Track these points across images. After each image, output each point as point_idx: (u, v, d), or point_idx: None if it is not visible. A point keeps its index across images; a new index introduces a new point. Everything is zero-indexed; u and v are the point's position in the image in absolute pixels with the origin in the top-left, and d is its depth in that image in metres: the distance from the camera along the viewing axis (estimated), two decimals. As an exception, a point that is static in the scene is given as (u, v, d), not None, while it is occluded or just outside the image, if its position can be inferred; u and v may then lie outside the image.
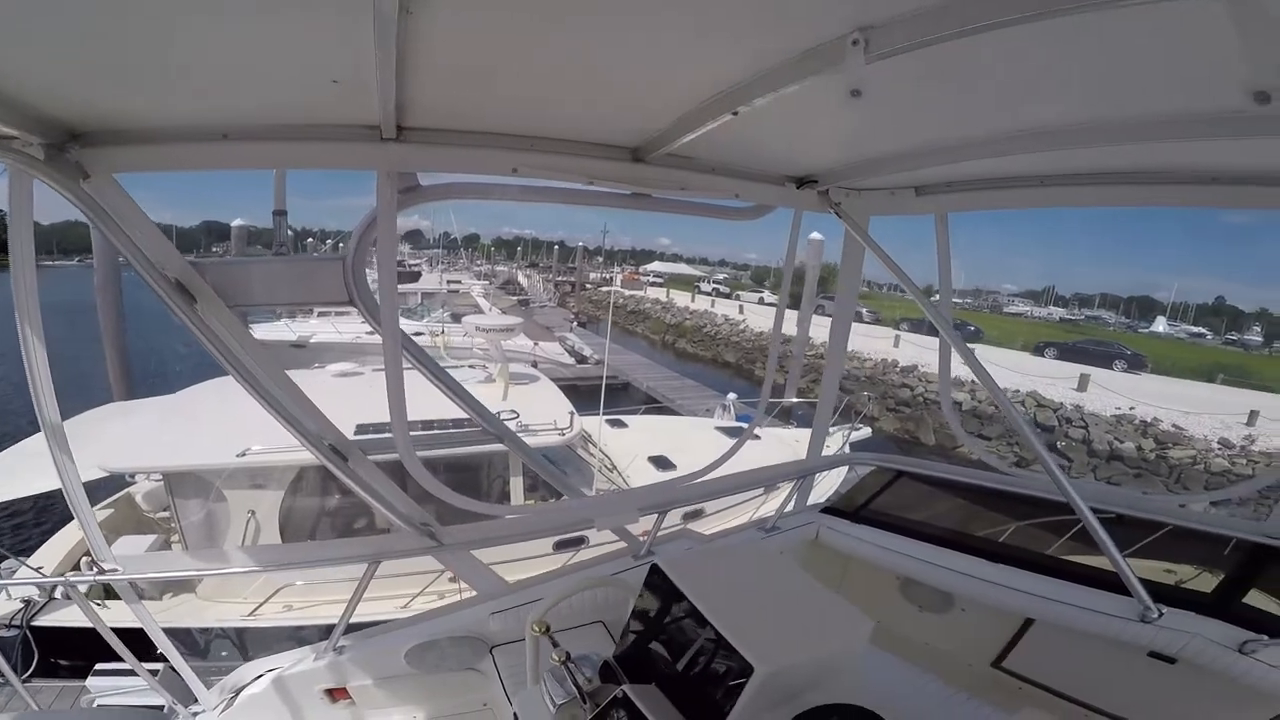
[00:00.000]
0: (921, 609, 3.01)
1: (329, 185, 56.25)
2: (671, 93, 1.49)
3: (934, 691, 2.10)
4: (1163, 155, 1.84)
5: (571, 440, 6.98)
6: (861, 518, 3.00)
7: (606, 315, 39.48)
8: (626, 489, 6.43)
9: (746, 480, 2.84)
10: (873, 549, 2.86)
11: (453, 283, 25.32)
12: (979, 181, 2.31)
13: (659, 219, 14.58)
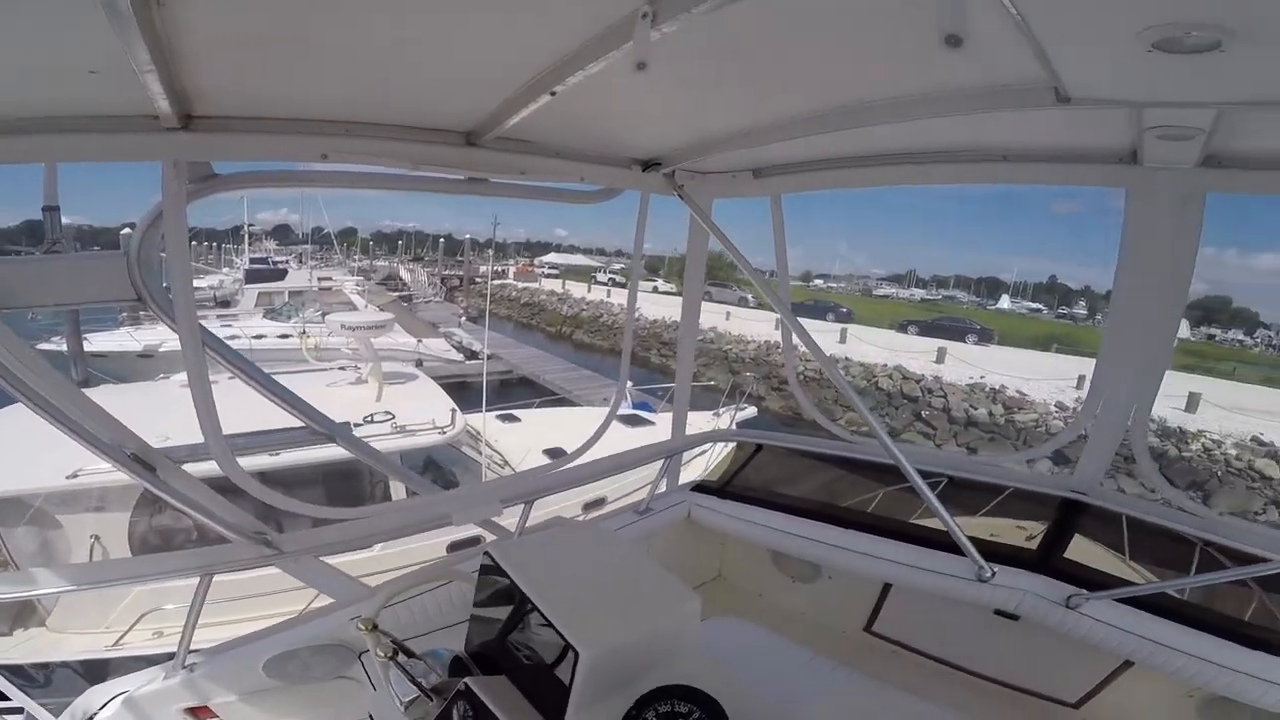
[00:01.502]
0: (794, 579, 3.15)
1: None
2: (494, 75, 1.49)
3: (805, 661, 2.19)
4: (963, 135, 2.01)
5: (455, 438, 6.75)
6: (729, 493, 3.09)
7: (498, 309, 38.81)
8: (487, 481, 6.33)
9: (613, 465, 2.85)
10: (741, 524, 2.96)
11: (324, 280, 23.67)
12: (810, 163, 2.43)
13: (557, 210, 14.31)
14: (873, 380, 22.32)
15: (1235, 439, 17.09)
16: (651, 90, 1.68)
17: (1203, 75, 1.17)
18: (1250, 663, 1.98)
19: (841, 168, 2.37)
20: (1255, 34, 0.99)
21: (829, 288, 59.45)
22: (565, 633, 1.16)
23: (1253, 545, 2.21)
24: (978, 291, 62.68)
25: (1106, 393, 2.36)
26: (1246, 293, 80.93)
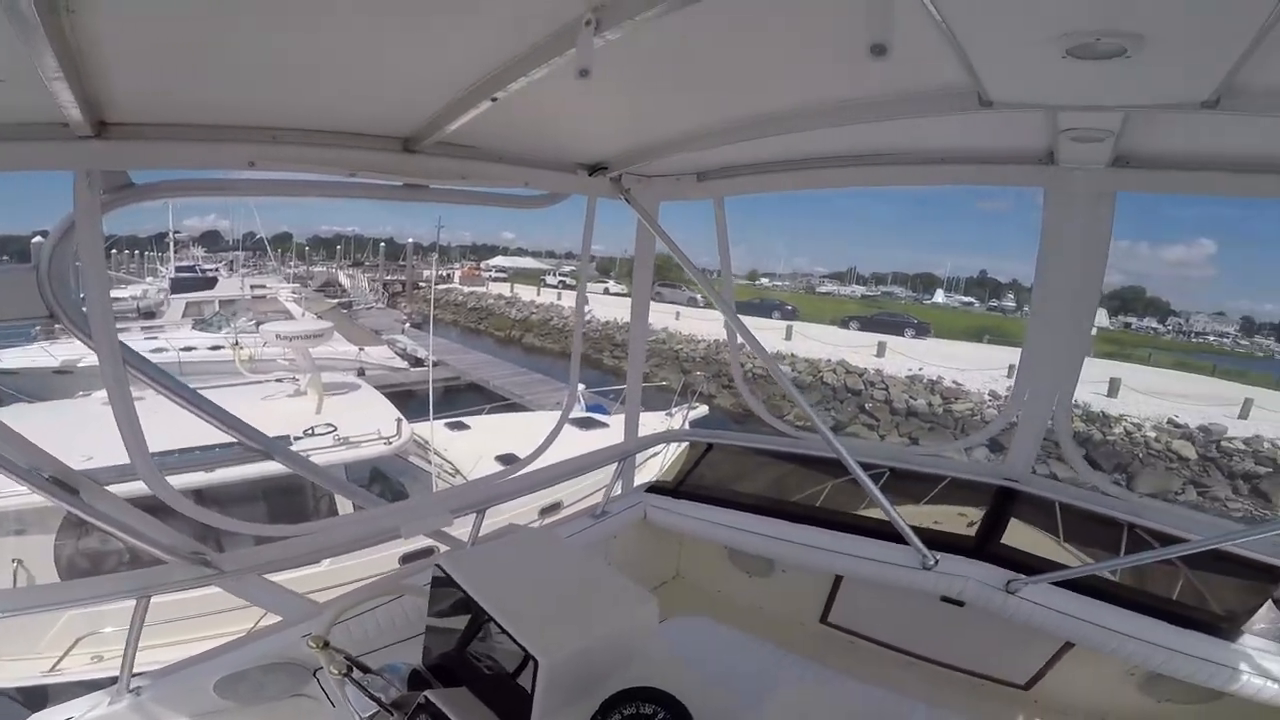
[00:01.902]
0: (750, 575, 3.19)
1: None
2: (432, 81, 1.48)
3: (765, 655, 2.23)
4: (896, 138, 2.10)
5: (402, 448, 6.58)
6: (683, 493, 3.12)
7: (444, 314, 37.95)
8: (437, 491, 6.22)
9: (566, 469, 2.83)
10: (696, 523, 2.99)
11: (257, 288, 22.67)
12: (752, 166, 2.49)
13: (504, 212, 14.06)
14: (818, 375, 22.90)
15: (1153, 422, 18.30)
16: (597, 95, 1.69)
17: (1110, 80, 1.25)
18: (1181, 640, 2.09)
19: (782, 171, 2.43)
20: (1157, 41, 1.06)
21: (774, 286, 60.70)
22: (522, 642, 1.16)
23: (1173, 526, 2.35)
24: (914, 287, 65.18)
25: (1032, 382, 2.47)
26: (1158, 283, 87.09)
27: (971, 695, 2.63)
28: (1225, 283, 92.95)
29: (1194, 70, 1.18)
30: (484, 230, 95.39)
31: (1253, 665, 2.05)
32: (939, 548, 2.44)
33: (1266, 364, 38.16)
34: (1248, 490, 16.28)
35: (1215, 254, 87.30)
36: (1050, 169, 2.00)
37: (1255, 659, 2.06)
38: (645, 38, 1.13)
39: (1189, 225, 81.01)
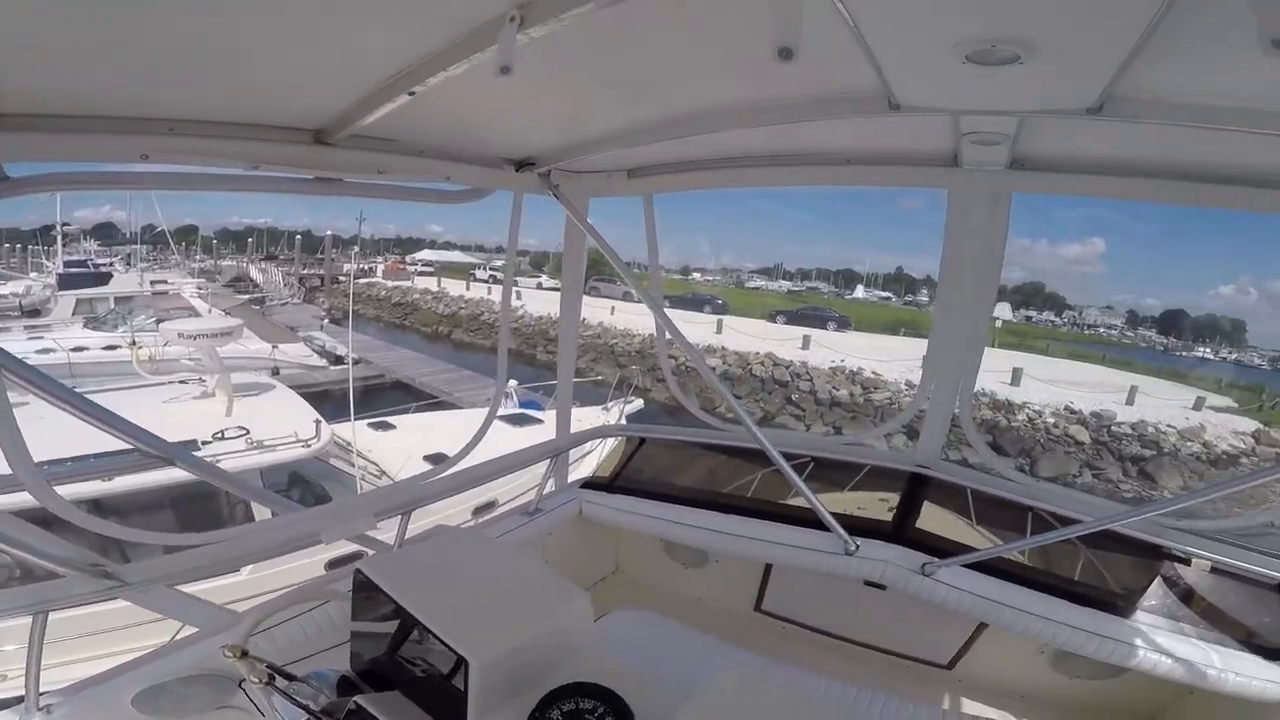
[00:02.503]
0: (686, 566, 3.25)
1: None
2: (346, 73, 1.43)
3: (702, 645, 2.27)
4: (814, 139, 2.17)
5: (322, 451, 6.29)
6: (617, 488, 3.13)
7: (366, 310, 36.42)
8: (360, 494, 6.02)
9: (496, 468, 2.78)
10: (632, 517, 3.00)
11: (158, 283, 21.05)
12: (681, 164, 2.52)
13: (428, 206, 13.46)
14: (747, 368, 23.49)
15: (1052, 408, 19.81)
16: (525, 91, 1.67)
17: (1006, 86, 1.33)
18: (1082, 619, 2.24)
19: (710, 169, 2.47)
20: (1047, 49, 1.13)
21: (706, 281, 61.68)
22: (451, 643, 1.14)
23: (1069, 509, 2.51)
24: (836, 282, 67.68)
25: (937, 372, 2.60)
26: (1056, 279, 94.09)
27: (898, 675, 2.73)
28: (1114, 279, 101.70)
29: (1080, 78, 1.27)
30: (410, 223, 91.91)
31: (1147, 641, 2.19)
32: (859, 533, 2.52)
33: (1148, 354, 42.22)
34: (1136, 472, 17.89)
35: (1105, 252, 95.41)
36: (953, 171, 2.12)
37: (1149, 634, 2.21)
38: (573, 35, 1.12)
39: (1075, 226, 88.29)
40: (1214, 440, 18.59)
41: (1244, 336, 51.59)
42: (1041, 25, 1.06)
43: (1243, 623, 2.32)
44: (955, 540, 2.53)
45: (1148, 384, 22.33)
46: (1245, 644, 2.22)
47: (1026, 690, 2.65)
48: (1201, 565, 2.42)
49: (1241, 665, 2.15)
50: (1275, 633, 2.28)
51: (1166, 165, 1.91)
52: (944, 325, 2.57)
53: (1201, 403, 21.08)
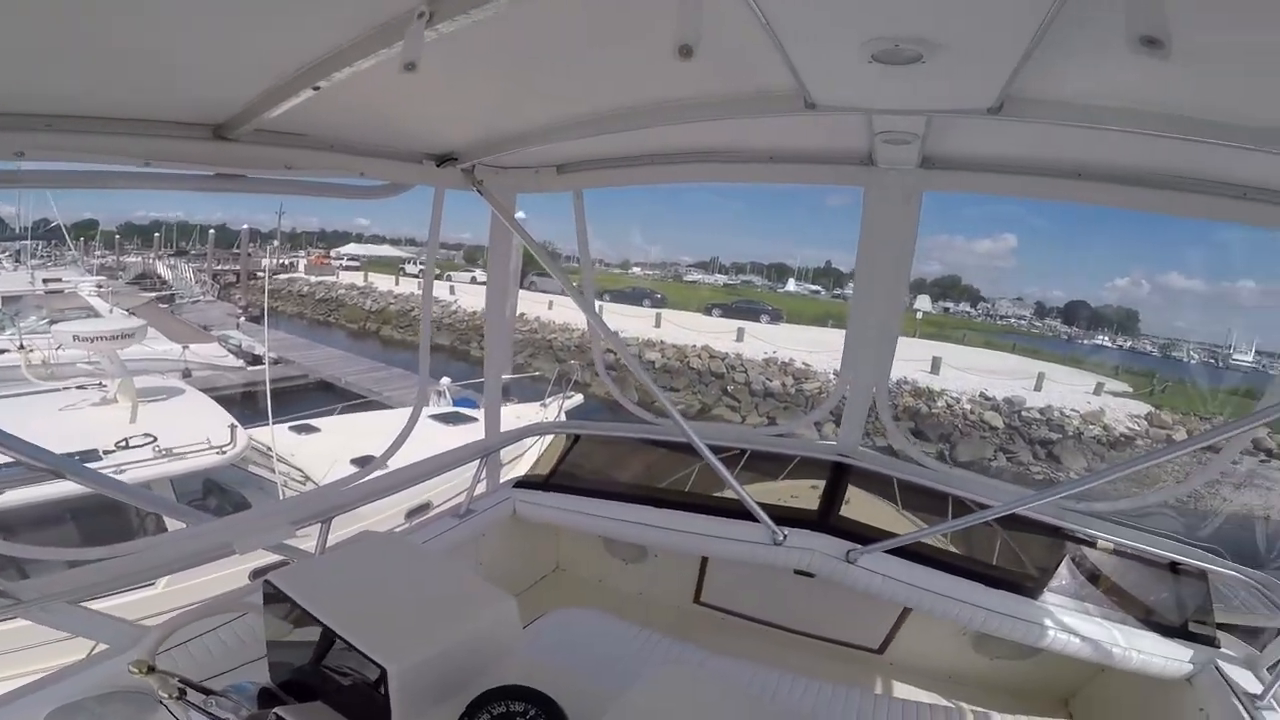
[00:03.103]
0: (626, 562, 3.25)
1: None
2: (246, 67, 1.37)
3: (643, 639, 2.27)
4: (739, 137, 2.20)
5: (238, 457, 5.94)
6: (553, 486, 3.10)
7: (287, 307, 34.64)
8: (276, 501, 5.77)
9: (423, 470, 2.70)
10: (570, 515, 2.97)
11: (51, 281, 19.34)
12: (611, 160, 2.51)
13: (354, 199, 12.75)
14: (685, 361, 23.81)
15: (969, 395, 21.01)
16: (443, 86, 1.63)
17: (912, 86, 1.37)
18: (996, 601, 2.34)
19: (639, 165, 2.47)
20: (949, 49, 1.16)
21: (646, 275, 62.03)
22: (367, 651, 1.11)
23: (979, 494, 2.61)
24: (769, 276, 69.39)
25: (855, 364, 2.68)
26: (971, 272, 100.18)
27: (832, 661, 2.81)
28: (1024, 272, 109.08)
29: (979, 78, 1.32)
30: (335, 216, 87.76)
31: (1056, 622, 2.30)
32: (787, 523, 2.57)
33: (1054, 343, 45.45)
34: (1045, 454, 19.22)
35: (1016, 247, 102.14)
36: (870, 170, 2.20)
37: (1058, 616, 2.32)
38: (488, 31, 1.10)
39: (987, 222, 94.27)
40: (1112, 423, 20.17)
41: (1137, 326, 56.53)
42: (941, 26, 1.10)
43: (1142, 601, 2.46)
44: (880, 527, 2.61)
45: (1054, 371, 24.03)
46: (1146, 622, 2.35)
47: (953, 671, 2.76)
48: (1105, 546, 2.56)
49: (1143, 643, 2.26)
50: (1172, 610, 2.42)
51: (1062, 165, 2.02)
52: (860, 318, 2.66)
53: (1101, 388, 22.87)
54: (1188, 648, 2.25)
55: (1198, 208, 1.94)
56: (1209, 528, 12.82)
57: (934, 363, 22.55)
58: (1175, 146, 1.56)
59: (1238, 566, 2.47)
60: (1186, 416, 21.05)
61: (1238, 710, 2.00)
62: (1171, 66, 1.12)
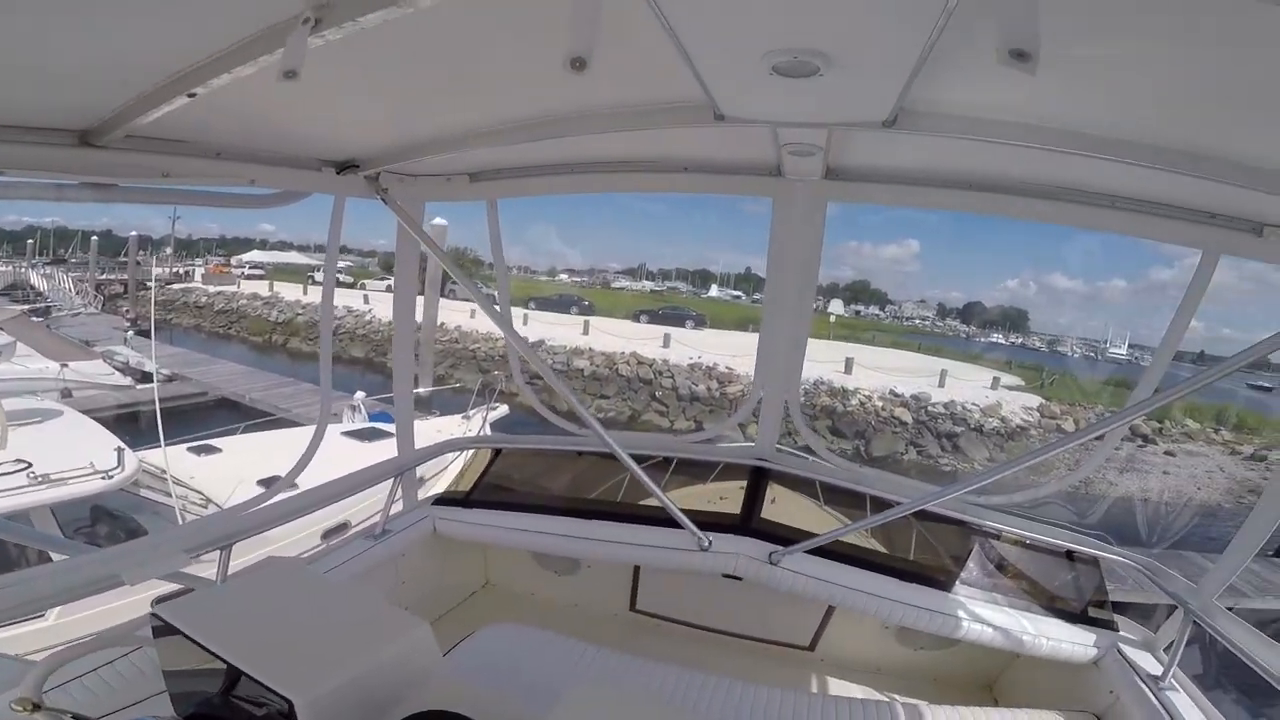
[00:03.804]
0: (559, 574, 3.20)
1: None
2: (114, 72, 1.30)
3: (577, 652, 2.24)
4: (655, 148, 2.24)
5: (127, 481, 5.47)
6: (474, 502, 3.02)
7: (182, 319, 32.09)
8: (171, 529, 5.39)
9: (334, 491, 2.56)
10: (495, 530, 2.90)
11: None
12: (525, 169, 2.49)
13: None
14: (614, 367, 23.85)
15: (880, 393, 22.13)
16: (342, 92, 1.58)
17: (811, 98, 1.41)
18: (912, 595, 2.43)
19: (555, 174, 2.47)
20: (842, 63, 1.20)
21: (574, 281, 61.74)
22: (270, 684, 1.05)
23: (889, 491, 2.71)
24: (694, 282, 70.64)
25: (768, 369, 2.75)
26: (880, 277, 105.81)
27: (767, 660, 2.87)
28: (926, 276, 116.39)
29: (873, 92, 1.37)
30: (236, 221, 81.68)
31: (969, 613, 2.41)
32: (712, 528, 2.61)
33: (955, 341, 48.74)
34: (950, 447, 20.48)
35: (918, 252, 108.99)
36: (778, 180, 2.27)
37: (969, 606, 2.43)
38: (387, 36, 1.08)
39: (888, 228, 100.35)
40: (1009, 415, 21.78)
41: (1027, 324, 61.57)
42: (836, 41, 1.14)
43: (1045, 590, 2.60)
44: (802, 528, 2.67)
45: (955, 368, 25.75)
46: (1050, 609, 2.48)
47: (881, 664, 2.86)
48: (1008, 537, 2.69)
49: (1050, 630, 2.39)
50: (1072, 597, 2.57)
51: (955, 176, 2.14)
52: (771, 325, 2.73)
53: (997, 382, 24.66)
54: (1090, 632, 2.39)
55: (1075, 216, 2.09)
56: (1096, 514, 14.10)
57: (847, 363, 23.63)
58: (1053, 159, 1.67)
59: (1123, 551, 2.62)
60: (1072, 406, 23.06)
61: (1144, 692, 2.11)
62: (1046, 82, 1.21)
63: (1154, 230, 2.05)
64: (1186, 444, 21.17)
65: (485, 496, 3.08)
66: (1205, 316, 49.55)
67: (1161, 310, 68.01)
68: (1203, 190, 1.76)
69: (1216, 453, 20.78)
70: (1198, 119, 1.33)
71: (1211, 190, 1.71)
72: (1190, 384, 1.98)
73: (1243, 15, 0.91)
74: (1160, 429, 21.49)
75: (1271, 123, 1.26)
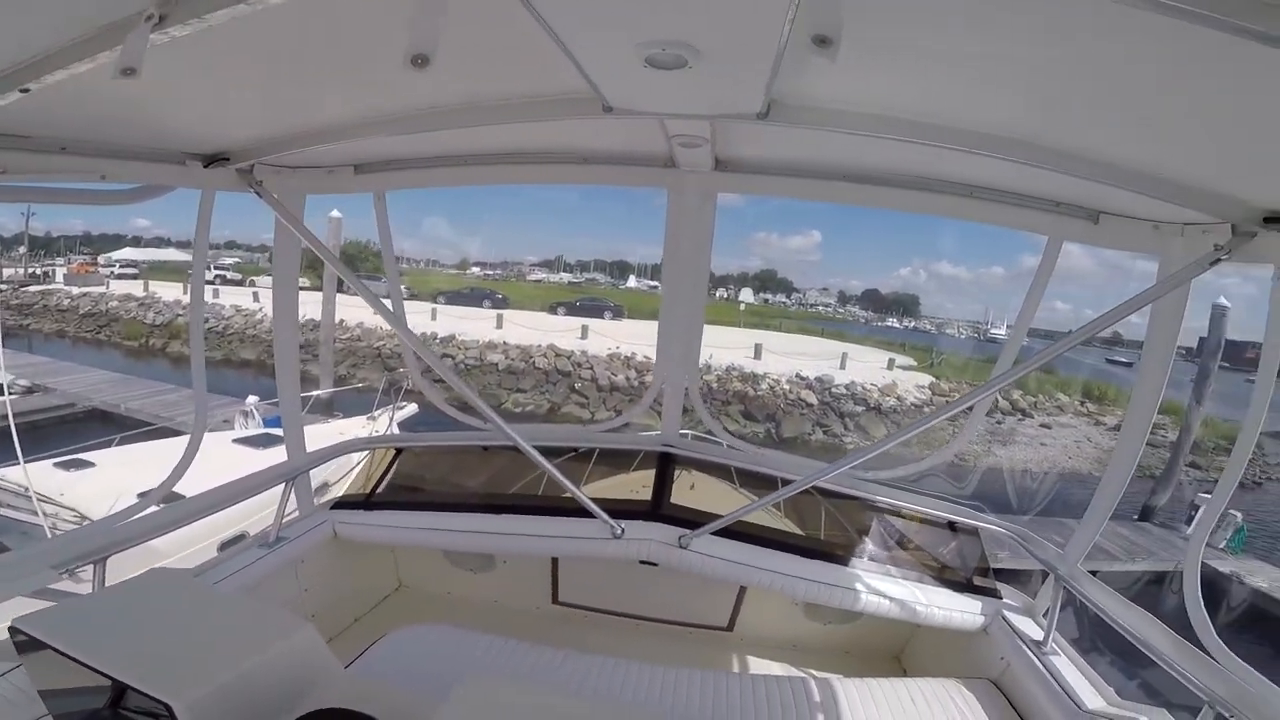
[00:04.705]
0: (475, 572, 3.15)
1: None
2: None
3: (495, 648, 2.21)
4: (554, 139, 2.23)
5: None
6: (376, 504, 2.93)
7: (43, 324, 28.69)
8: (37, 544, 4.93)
9: (218, 499, 2.39)
10: (399, 531, 2.83)
11: None
12: (414, 160, 2.42)
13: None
14: (530, 361, 23.55)
15: (787, 377, 23.10)
16: (206, 84, 1.51)
17: (688, 90, 1.43)
18: (814, 571, 2.51)
19: (447, 166, 2.41)
20: (709, 56, 1.20)
21: (486, 275, 60.20)
22: (144, 689, 1.04)
23: (786, 469, 2.78)
24: (612, 273, 70.76)
25: (668, 357, 2.80)
26: (786, 266, 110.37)
27: (688, 643, 2.94)
28: (828, 264, 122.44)
29: (744, 84, 1.40)
30: (103, 218, 73.20)
31: (866, 586, 2.50)
32: (625, 515, 2.63)
33: (854, 326, 51.68)
34: (853, 426, 21.68)
35: (820, 242, 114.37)
36: (672, 172, 2.32)
37: (866, 580, 2.52)
38: (244, 29, 1.05)
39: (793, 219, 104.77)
40: (904, 394, 23.31)
41: (918, 308, 66.26)
42: (699, 33, 1.16)
43: (933, 561, 2.73)
44: (710, 511, 2.71)
45: (855, 351, 27.30)
46: (940, 580, 2.61)
47: (796, 640, 2.97)
48: (904, 512, 2.81)
49: (940, 600, 2.51)
50: (959, 566, 2.71)
51: (832, 168, 2.23)
52: (669, 314, 2.78)
53: (893, 363, 26.38)
54: (977, 600, 2.53)
55: (939, 206, 2.21)
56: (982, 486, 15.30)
57: (756, 349, 24.51)
58: (917, 151, 1.77)
59: (997, 520, 2.79)
60: (958, 384, 24.99)
61: (1029, 658, 2.20)
62: (898, 77, 1.30)
63: (1007, 218, 2.19)
64: (1059, 416, 23.37)
65: (394, 497, 3.00)
66: (1072, 300, 55.14)
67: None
68: (1047, 181, 1.90)
69: (1083, 424, 23.00)
70: (1040, 113, 1.42)
71: (1055, 180, 1.84)
72: (1040, 356, 2.23)
73: (1076, 13, 0.98)
74: (1035, 403, 23.69)
75: (1104, 116, 1.36)
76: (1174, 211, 1.81)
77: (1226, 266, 1.71)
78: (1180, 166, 1.53)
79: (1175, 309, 2.00)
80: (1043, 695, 2.07)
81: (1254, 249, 1.64)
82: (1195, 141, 1.38)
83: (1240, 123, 1.21)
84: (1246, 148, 1.34)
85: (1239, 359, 19.40)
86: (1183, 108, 1.23)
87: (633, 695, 2.07)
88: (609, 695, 2.05)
